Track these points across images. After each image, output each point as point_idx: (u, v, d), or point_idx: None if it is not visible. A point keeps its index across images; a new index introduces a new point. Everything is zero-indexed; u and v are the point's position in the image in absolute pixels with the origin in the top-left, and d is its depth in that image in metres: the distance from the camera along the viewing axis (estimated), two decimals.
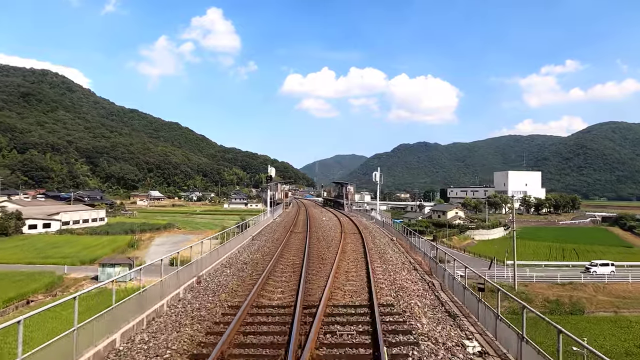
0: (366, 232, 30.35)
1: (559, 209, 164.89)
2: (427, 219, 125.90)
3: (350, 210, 59.26)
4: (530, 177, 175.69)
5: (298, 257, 19.68)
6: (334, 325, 10.05)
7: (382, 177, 53.81)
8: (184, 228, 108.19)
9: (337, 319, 10.54)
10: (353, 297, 12.73)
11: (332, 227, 33.69)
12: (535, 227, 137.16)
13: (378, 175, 42.64)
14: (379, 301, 12.02)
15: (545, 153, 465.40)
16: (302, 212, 54.78)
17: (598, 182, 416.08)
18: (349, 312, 11.27)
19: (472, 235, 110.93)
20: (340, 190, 73.01)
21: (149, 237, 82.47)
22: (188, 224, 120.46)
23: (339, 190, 74.95)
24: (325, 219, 42.88)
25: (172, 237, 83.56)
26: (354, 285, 14.32)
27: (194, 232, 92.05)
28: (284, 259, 19.46)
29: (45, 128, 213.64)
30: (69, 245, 69.05)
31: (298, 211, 55.23)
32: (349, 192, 61.20)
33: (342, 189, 70.33)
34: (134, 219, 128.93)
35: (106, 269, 46.13)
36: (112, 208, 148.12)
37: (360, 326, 9.99)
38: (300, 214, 50.48)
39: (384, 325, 9.96)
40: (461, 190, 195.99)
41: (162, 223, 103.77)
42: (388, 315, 11.00)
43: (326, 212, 56.66)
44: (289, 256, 20.29)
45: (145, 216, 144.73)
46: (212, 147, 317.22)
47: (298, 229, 31.75)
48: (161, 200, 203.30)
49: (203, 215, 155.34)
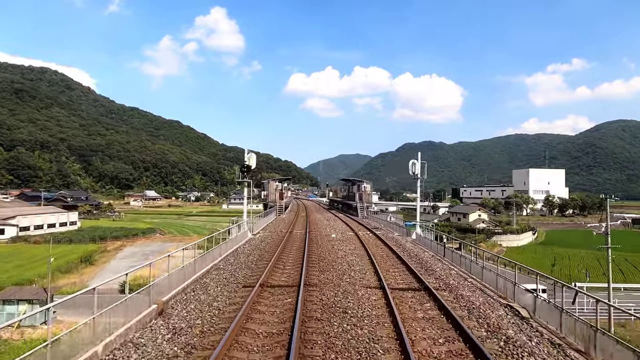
0: (431, 279, 13.81)
1: (585, 210, 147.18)
2: (444, 221, 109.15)
3: (366, 216, 42.72)
4: (553, 175, 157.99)
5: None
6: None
7: (390, 176, 38.17)
8: (169, 233, 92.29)
9: None
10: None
11: (353, 260, 17.16)
12: (561, 231, 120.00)
13: (418, 166, 25.31)
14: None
15: (553, 152, 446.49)
16: (300, 221, 38.42)
17: (608, 181, 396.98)
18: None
19: (498, 241, 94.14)
20: (350, 189, 56.51)
21: (118, 247, 66.41)
22: (176, 228, 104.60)
23: (349, 189, 58.38)
24: (336, 235, 26.42)
25: (146, 246, 67.47)
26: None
27: (176, 239, 76.02)
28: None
29: (37, 125, 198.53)
30: (7, 259, 53.03)
31: (295, 219, 38.77)
32: (363, 191, 44.70)
33: (352, 187, 53.85)
34: (118, 221, 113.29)
35: (6, 306, 29.93)
36: (98, 209, 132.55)
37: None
38: (298, 225, 34.07)
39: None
40: (475, 189, 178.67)
41: (142, 228, 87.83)
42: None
43: (334, 219, 40.29)
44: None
45: (134, 218, 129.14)
46: (213, 145, 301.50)
47: (282, 276, 14.88)
48: (157, 201, 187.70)
49: (197, 217, 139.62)
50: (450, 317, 9.37)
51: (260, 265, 15.81)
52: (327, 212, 54.04)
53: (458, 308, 10.55)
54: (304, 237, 24.05)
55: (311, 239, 24.14)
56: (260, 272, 13.98)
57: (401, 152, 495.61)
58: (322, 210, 55.82)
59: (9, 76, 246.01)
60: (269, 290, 12.03)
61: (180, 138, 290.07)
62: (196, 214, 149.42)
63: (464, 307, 10.66)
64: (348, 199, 56.95)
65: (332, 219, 41.00)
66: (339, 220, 39.31)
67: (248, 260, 17.45)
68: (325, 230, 30.28)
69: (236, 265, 16.29)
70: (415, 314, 9.91)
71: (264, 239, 25.03)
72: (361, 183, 47.86)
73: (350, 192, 57.13)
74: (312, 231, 28.57)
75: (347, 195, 59.12)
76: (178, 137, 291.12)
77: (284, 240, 23.04)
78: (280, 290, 12.01)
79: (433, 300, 11.01)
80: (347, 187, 60.64)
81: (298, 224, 35.40)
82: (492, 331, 8.89)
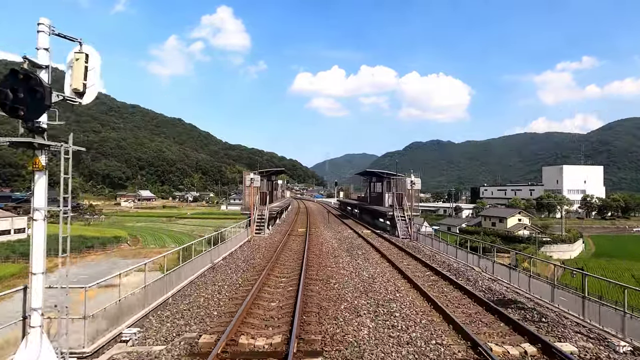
0: None
1: (628, 211, 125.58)
2: (474, 226, 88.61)
3: (411, 236, 22.60)
4: (590, 173, 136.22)
5: None
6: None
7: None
8: (142, 242, 72.96)
9: None
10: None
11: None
12: (607, 237, 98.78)
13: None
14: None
15: (566, 151, 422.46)
16: (294, 247, 18.57)
17: (623, 180, 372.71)
18: None
19: (547, 251, 73.51)
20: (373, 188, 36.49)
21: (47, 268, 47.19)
22: (155, 235, 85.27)
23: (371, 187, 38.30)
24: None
25: (89, 267, 47.91)
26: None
27: (141, 253, 56.51)
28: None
29: None
30: None
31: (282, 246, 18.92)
32: (407, 191, 24.37)
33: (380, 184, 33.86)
34: (92, 226, 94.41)
35: None
36: (77, 211, 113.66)
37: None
38: (284, 263, 14.14)
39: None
40: (498, 189, 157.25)
41: (106, 236, 68.46)
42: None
43: (362, 247, 20.19)
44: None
45: (115, 222, 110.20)
46: (216, 144, 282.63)
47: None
48: (151, 201, 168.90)
49: (190, 219, 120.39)
50: None
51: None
52: (341, 223, 33.71)
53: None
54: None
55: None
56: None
57: (408, 151, 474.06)
58: (332, 220, 35.35)
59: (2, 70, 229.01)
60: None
61: (182, 136, 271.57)
62: (189, 216, 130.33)
63: None
64: (372, 203, 36.84)
65: (356, 243, 20.90)
66: (371, 249, 19.15)
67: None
68: (354, 294, 10.33)
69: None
70: None
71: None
72: (399, 178, 27.71)
73: (374, 192, 36.99)
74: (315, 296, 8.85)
75: (372, 198, 38.93)
76: (180, 135, 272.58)
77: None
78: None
79: None
80: (368, 185, 40.50)
81: (285, 261, 15.44)
82: None
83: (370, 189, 40.25)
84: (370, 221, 34.51)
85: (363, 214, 39.40)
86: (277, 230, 27.26)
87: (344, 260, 15.88)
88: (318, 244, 20.30)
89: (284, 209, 39.02)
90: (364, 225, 31.46)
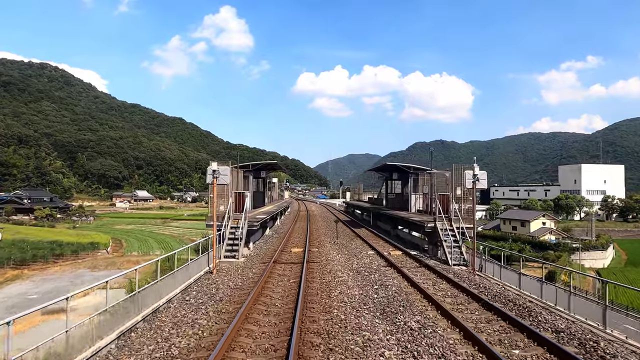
0: None
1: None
2: (493, 230, 79.51)
3: (480, 269, 13.57)
4: (611, 173, 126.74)
5: None
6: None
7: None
8: (125, 249, 64.37)
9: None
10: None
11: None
12: (637, 242, 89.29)
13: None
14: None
15: (572, 151, 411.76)
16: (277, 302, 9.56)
17: (631, 180, 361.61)
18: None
19: (578, 259, 64.40)
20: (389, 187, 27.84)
21: (5, 280, 38.47)
22: (142, 240, 76.63)
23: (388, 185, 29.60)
24: None
25: (51, 281, 39.21)
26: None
27: (115, 266, 47.79)
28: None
29: (21, 119, 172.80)
30: None
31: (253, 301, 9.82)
32: (452, 196, 15.92)
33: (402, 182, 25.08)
34: (80, 228, 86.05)
35: None
36: (64, 212, 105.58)
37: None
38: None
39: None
40: (510, 189, 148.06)
41: (83, 242, 59.80)
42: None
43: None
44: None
45: (105, 224, 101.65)
46: (217, 143, 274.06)
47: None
48: (148, 202, 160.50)
49: (186, 221, 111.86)
50: None
51: None
52: (353, 235, 24.60)
53: None
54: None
55: None
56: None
57: (412, 151, 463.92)
58: (341, 230, 25.86)
59: (1, 70, 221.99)
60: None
61: (182, 135, 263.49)
62: (186, 218, 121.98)
63: None
64: (391, 206, 27.97)
65: (390, 285, 11.93)
66: (425, 304, 10.16)
67: None
68: None
69: None
70: None
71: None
72: (435, 174, 18.99)
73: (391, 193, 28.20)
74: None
75: (389, 200, 30.01)
76: (180, 134, 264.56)
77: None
78: None
79: None
80: (384, 183, 31.56)
81: (256, 337, 6.54)
82: None
83: (387, 189, 31.34)
84: (389, 229, 25.63)
85: (378, 220, 30.48)
86: (262, 249, 18.45)
87: (384, 347, 7.04)
88: (323, 285, 11.49)
89: (278, 215, 30.18)
90: (384, 238, 22.53)
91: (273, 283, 11.75)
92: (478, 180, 13.33)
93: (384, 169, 28.49)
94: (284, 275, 12.88)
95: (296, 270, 13.34)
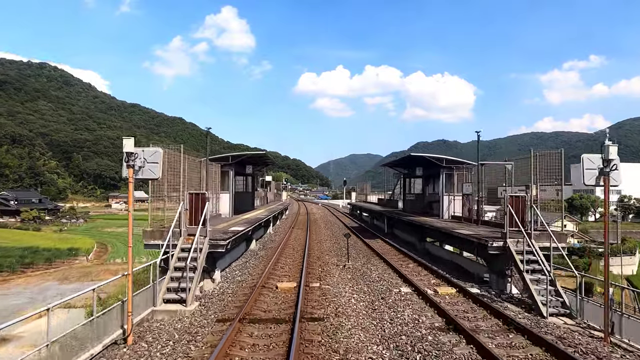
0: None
1: None
2: None
3: (610, 331, 7.34)
4: (626, 171, 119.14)
5: None
6: None
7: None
8: (109, 255, 58.31)
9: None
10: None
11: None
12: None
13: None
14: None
15: (575, 151, 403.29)
16: None
17: None
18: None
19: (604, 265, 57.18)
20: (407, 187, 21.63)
21: None
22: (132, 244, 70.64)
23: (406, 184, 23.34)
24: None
25: (11, 297, 33.10)
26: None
27: (90, 276, 41.77)
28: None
29: (15, 119, 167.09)
30: None
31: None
32: (530, 198, 10.23)
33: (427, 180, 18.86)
34: (68, 231, 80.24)
35: None
36: (54, 214, 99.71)
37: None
38: None
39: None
40: (519, 189, 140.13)
41: (60, 248, 53.74)
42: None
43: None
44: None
45: (95, 226, 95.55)
46: (217, 143, 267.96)
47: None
48: (145, 203, 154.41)
49: None
50: None
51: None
52: (369, 252, 18.34)
53: None
54: None
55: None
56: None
57: (414, 151, 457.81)
58: (352, 244, 19.53)
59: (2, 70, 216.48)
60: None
61: (182, 135, 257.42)
62: None
63: None
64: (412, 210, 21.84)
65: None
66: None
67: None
68: None
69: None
70: None
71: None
72: (493, 166, 13.08)
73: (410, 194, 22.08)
74: None
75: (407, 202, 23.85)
76: (180, 134, 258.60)
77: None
78: None
79: None
80: (401, 181, 25.29)
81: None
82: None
83: (404, 188, 25.07)
84: (414, 241, 19.34)
85: (394, 226, 24.18)
86: (234, 280, 12.18)
87: None
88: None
89: (271, 221, 23.88)
90: (411, 256, 16.22)
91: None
92: (611, 171, 7.06)
93: (404, 164, 22.17)
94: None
95: (278, 347, 6.97)
